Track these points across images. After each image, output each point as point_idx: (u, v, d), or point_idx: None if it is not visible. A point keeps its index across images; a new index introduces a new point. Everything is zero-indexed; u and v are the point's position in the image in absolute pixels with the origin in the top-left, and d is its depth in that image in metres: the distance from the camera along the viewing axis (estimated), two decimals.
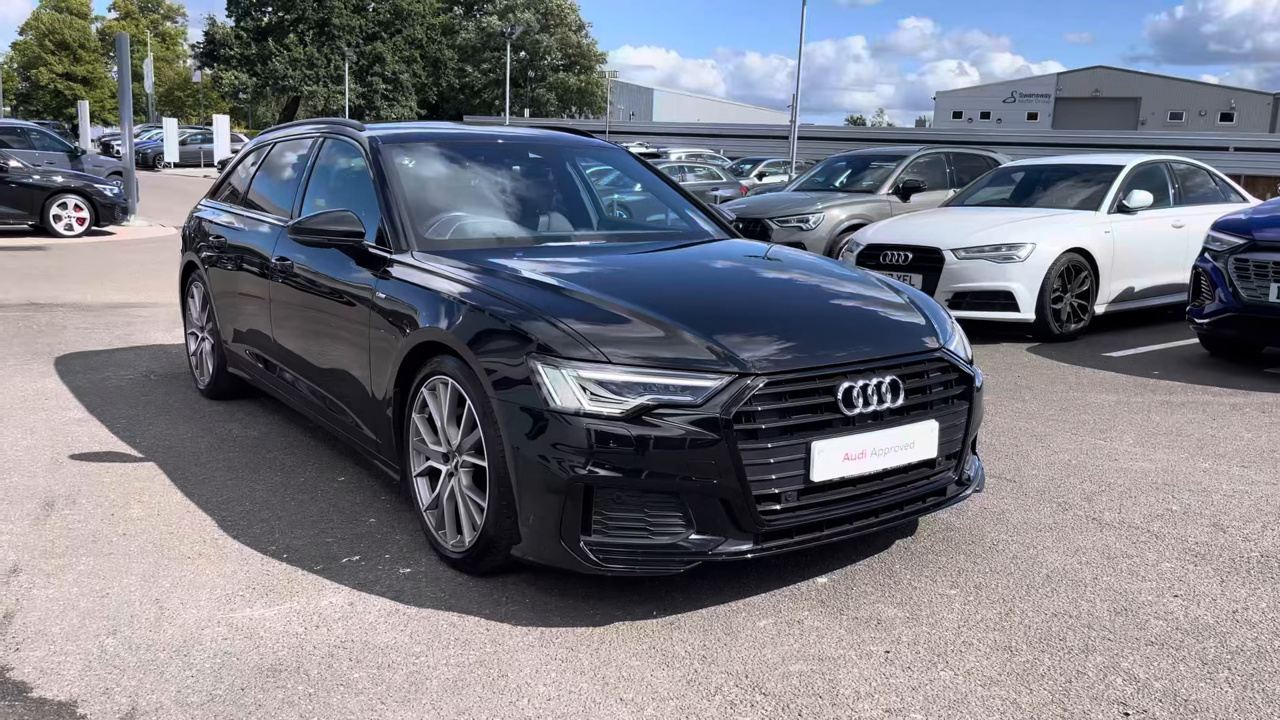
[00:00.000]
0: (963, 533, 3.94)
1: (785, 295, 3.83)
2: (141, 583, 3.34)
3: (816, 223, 10.89)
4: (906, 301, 3.80)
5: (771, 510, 3.11)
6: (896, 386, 3.31)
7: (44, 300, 9.53)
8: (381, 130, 4.66)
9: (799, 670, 2.88)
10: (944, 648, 3.02)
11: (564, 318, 3.21)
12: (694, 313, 3.36)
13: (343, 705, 2.64)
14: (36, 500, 4.09)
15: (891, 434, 3.28)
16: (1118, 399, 6.28)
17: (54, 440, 4.93)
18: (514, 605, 3.24)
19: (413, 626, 3.08)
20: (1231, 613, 3.27)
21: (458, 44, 72.68)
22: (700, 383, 3.04)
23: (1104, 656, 2.97)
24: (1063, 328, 8.35)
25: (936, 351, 3.52)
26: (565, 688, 2.76)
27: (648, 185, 5.15)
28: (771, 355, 3.17)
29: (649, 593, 3.32)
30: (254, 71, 65.72)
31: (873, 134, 54.80)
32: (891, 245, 8.68)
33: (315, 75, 64.47)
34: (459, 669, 2.84)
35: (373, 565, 3.53)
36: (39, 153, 18.90)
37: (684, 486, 3.01)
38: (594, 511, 3.03)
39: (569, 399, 3.01)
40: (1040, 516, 4.14)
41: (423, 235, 4.04)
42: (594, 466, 2.98)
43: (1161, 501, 4.34)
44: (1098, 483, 4.58)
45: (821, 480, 3.14)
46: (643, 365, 3.05)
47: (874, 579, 3.50)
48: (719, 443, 2.99)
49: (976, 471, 3.86)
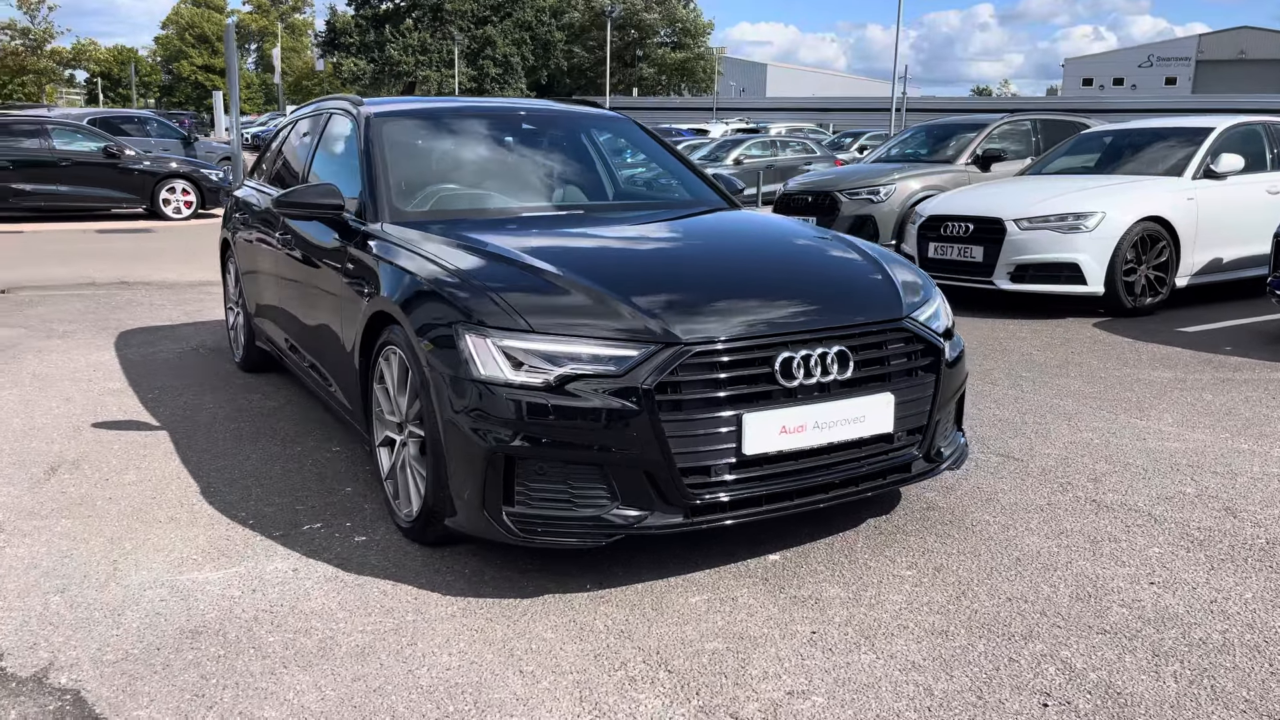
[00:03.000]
0: (944, 512, 3.76)
1: (740, 264, 3.70)
2: (107, 545, 3.47)
3: (887, 195, 10.54)
4: (876, 270, 3.63)
5: (701, 484, 3.02)
6: (845, 357, 3.16)
7: (134, 279, 10.00)
8: (378, 105, 4.70)
9: (713, 648, 2.79)
10: (875, 630, 2.88)
11: (497, 287, 3.17)
12: (635, 282, 3.28)
13: (246, 668, 2.69)
14: (44, 465, 4.29)
15: (837, 407, 3.14)
16: (1173, 376, 5.89)
17: (84, 409, 5.17)
18: (451, 575, 3.24)
19: (345, 594, 3.11)
20: (1208, 603, 3.03)
21: (566, 24, 73.12)
22: (624, 352, 2.96)
23: (1045, 644, 2.79)
24: (1136, 302, 7.88)
25: (897, 321, 3.34)
26: (470, 658, 2.74)
27: (652, 156, 5.06)
28: (706, 324, 3.06)
29: (589, 565, 3.27)
30: (371, 59, 67.63)
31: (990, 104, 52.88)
32: (952, 216, 8.34)
33: (429, 60, 65.90)
34: (372, 636, 2.85)
35: (331, 533, 3.58)
36: (154, 140, 19.85)
37: (606, 458, 2.95)
38: (516, 482, 3.00)
39: (492, 368, 2.98)
40: (1035, 497, 3.91)
41: (397, 207, 4.06)
42: (514, 436, 2.95)
43: (1176, 484, 4.05)
44: (1113, 463, 4.31)
45: (755, 454, 3.03)
46: (567, 335, 2.99)
47: (829, 557, 3.37)
48: (639, 414, 2.91)
49: (957, 447, 3.67)
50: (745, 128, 31.06)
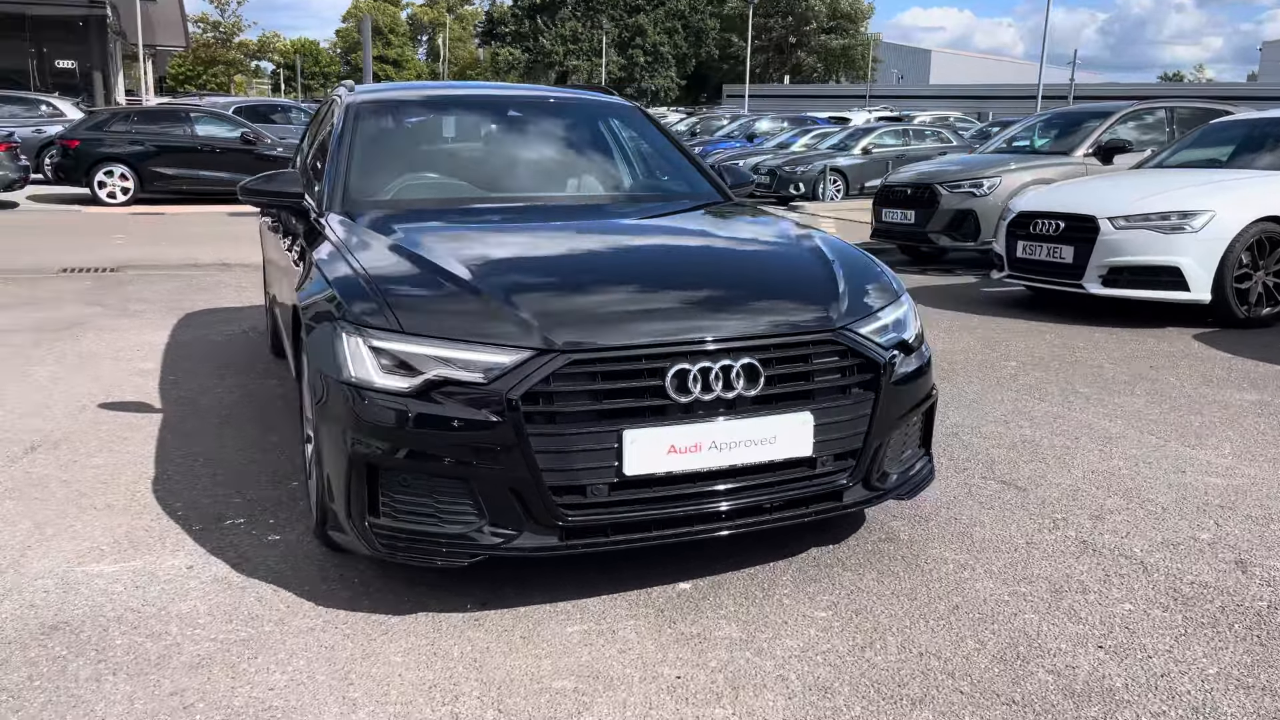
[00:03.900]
0: (901, 545, 3.37)
1: (663, 267, 3.38)
2: (31, 530, 3.49)
3: (991, 188, 9.85)
4: (820, 276, 3.26)
5: (577, 504, 2.77)
6: (754, 371, 2.84)
7: (235, 261, 10.36)
8: (364, 92, 4.62)
9: (559, 688, 2.54)
10: (748, 680, 2.56)
11: (387, 284, 3.00)
12: (532, 284, 3.04)
13: (76, 672, 2.61)
14: (27, 443, 4.40)
15: (742, 426, 2.83)
16: (1257, 399, 5.20)
17: (103, 389, 5.30)
18: (339, 584, 3.09)
19: (222, 597, 3.01)
20: (1158, 677, 2.57)
21: (723, 13, 72.50)
22: (494, 358, 2.73)
23: (934, 713, 2.41)
24: (1250, 312, 7.06)
25: (826, 332, 2.98)
26: (301, 678, 2.58)
27: (653, 147, 4.76)
28: (589, 331, 2.80)
29: (482, 581, 3.06)
30: (526, 48, 68.93)
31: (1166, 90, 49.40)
32: (1042, 213, 7.67)
33: (579, 50, 66.61)
34: (220, 646, 2.73)
35: (249, 530, 3.50)
36: (296, 128, 20.68)
37: (470, 473, 2.73)
38: (381, 493, 2.82)
39: (362, 369, 2.81)
40: (1016, 534, 3.47)
41: (351, 196, 3.94)
42: (376, 444, 2.77)
43: (1193, 527, 3.52)
44: (1129, 498, 3.79)
45: (638, 474, 2.75)
46: (439, 338, 2.79)
47: (745, 590, 3.05)
48: (503, 425, 2.68)
49: (915, 473, 3.28)
50: (887, 116, 29.96)
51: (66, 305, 7.75)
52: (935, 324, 7.24)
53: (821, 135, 21.88)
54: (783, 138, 23.28)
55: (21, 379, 5.49)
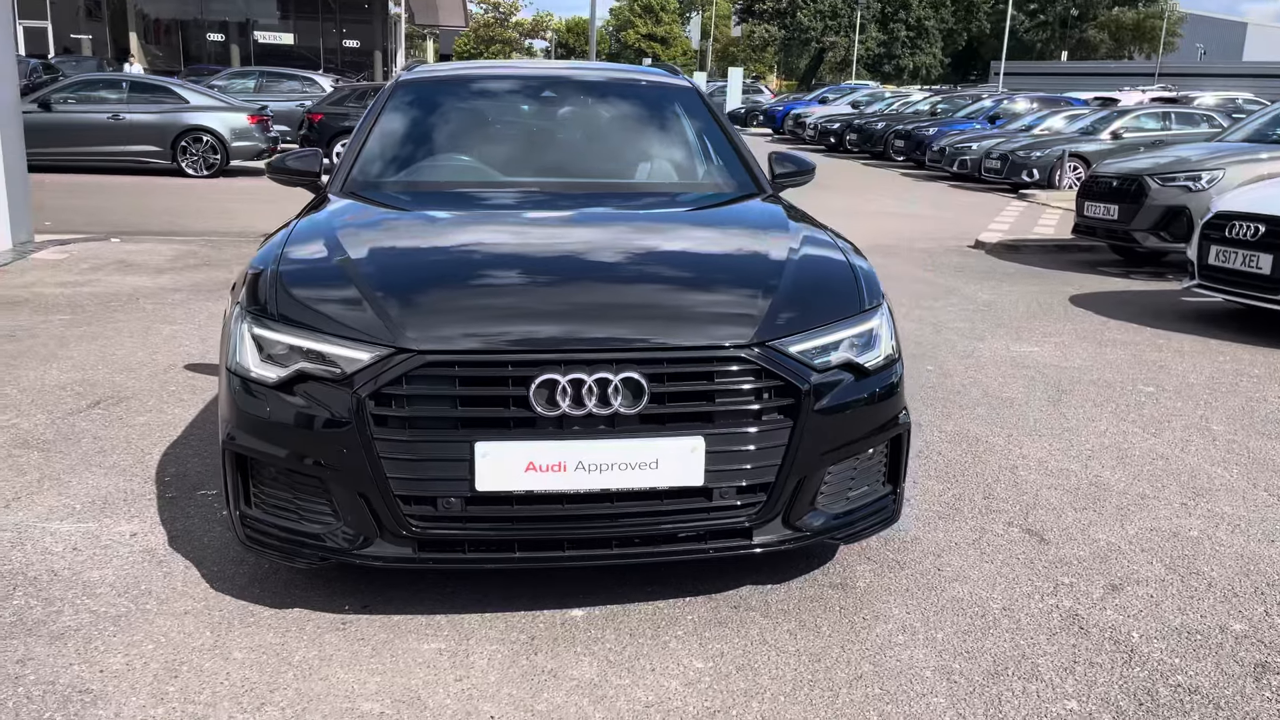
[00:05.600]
0: (851, 594, 2.94)
1: (576, 267, 3.01)
2: (32, 482, 3.71)
3: (1210, 182, 8.59)
4: (762, 282, 2.86)
5: (428, 516, 2.58)
6: (638, 386, 2.53)
7: None
8: (419, 71, 4.59)
9: (366, 710, 2.39)
10: None
11: (288, 272, 2.92)
12: (416, 279, 2.84)
13: None
14: (95, 397, 4.71)
15: (616, 446, 2.53)
16: None
17: (202, 350, 5.61)
18: (246, 566, 3.08)
19: (135, 569, 3.06)
20: None
21: None
22: (352, 354, 2.59)
23: None
24: None
25: (734, 349, 2.61)
26: (136, 664, 2.57)
27: (697, 133, 4.38)
28: (454, 332, 2.60)
29: (373, 585, 2.95)
30: (783, 24, 67.85)
31: None
32: (1240, 214, 6.58)
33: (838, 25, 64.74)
34: (91, 619, 2.77)
35: (212, 503, 3.56)
36: None
37: (323, 473, 2.62)
38: (252, 484, 2.76)
39: (245, 357, 2.75)
40: (998, 597, 2.94)
41: (356, 177, 3.91)
42: (241, 434, 2.71)
43: (1227, 614, 2.84)
44: (1175, 569, 3.13)
45: (491, 491, 2.53)
46: (306, 329, 2.67)
47: (636, 627, 2.76)
48: (349, 425, 2.54)
49: (861, 514, 2.84)
50: (1162, 96, 27.08)
51: (235, 268, 8.33)
52: (1093, 334, 6.41)
53: (1072, 117, 20.05)
54: (1028, 119, 21.55)
55: (143, 336, 5.92)
